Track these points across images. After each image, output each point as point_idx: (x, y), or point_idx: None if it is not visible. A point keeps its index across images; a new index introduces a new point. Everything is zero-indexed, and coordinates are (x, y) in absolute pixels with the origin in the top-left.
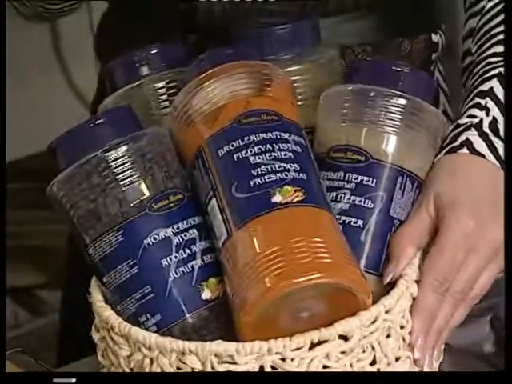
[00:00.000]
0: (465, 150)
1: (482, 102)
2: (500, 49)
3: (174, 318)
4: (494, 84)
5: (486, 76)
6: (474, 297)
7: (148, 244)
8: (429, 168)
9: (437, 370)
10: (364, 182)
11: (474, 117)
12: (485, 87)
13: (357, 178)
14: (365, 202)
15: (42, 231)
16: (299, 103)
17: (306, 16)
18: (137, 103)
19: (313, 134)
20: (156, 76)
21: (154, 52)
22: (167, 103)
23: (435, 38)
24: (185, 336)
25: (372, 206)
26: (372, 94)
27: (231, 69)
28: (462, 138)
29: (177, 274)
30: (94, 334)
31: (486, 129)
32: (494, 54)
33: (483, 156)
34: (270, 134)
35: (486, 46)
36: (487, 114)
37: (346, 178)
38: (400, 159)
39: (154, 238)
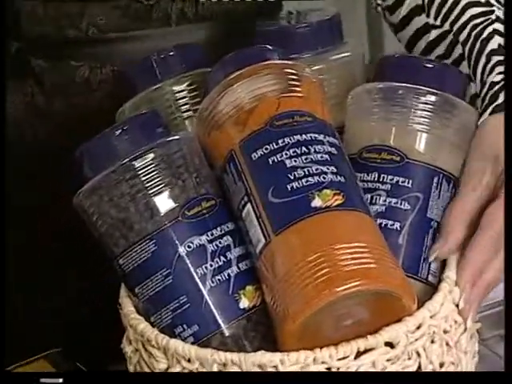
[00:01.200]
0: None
1: (501, 58)
2: (474, 11)
3: (211, 328)
4: (499, 40)
5: (484, 36)
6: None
7: (182, 253)
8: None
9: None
10: (400, 183)
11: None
12: (494, 45)
13: (392, 179)
14: (401, 203)
15: None
16: None
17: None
18: (157, 107)
19: (340, 134)
20: (175, 79)
21: (172, 54)
22: (188, 106)
23: None
24: (223, 347)
25: (409, 207)
26: (401, 92)
27: (258, 70)
28: (502, 96)
29: (213, 282)
30: (126, 346)
31: None
32: (472, 17)
33: None
34: (304, 136)
35: (456, 13)
36: None
37: (381, 179)
38: (434, 158)
39: (189, 247)
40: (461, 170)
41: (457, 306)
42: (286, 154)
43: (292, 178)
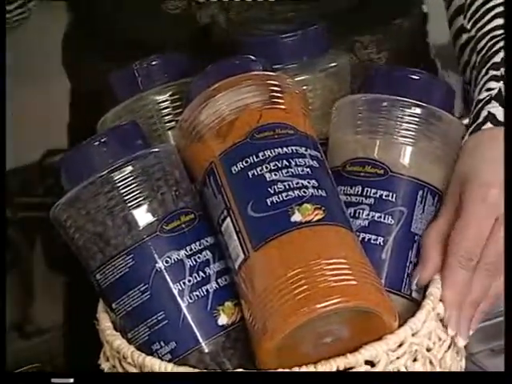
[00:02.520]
0: (488, 125)
1: (498, 73)
2: (501, 21)
3: (189, 345)
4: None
5: (495, 49)
6: None
7: (160, 268)
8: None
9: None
10: (383, 197)
11: (492, 89)
12: (497, 59)
13: (376, 193)
14: (385, 217)
15: None
16: None
17: (312, 23)
18: (139, 118)
19: (324, 146)
20: (158, 88)
21: (154, 63)
22: (170, 117)
23: (425, 8)
24: (201, 364)
25: (392, 222)
26: (385, 104)
27: (240, 81)
28: (484, 113)
29: (191, 298)
30: (103, 363)
31: None
32: (497, 28)
33: None
34: (285, 149)
35: (485, 20)
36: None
37: (365, 193)
38: (419, 172)
39: (167, 262)
40: (446, 184)
41: (441, 320)
42: (267, 168)
43: (272, 192)
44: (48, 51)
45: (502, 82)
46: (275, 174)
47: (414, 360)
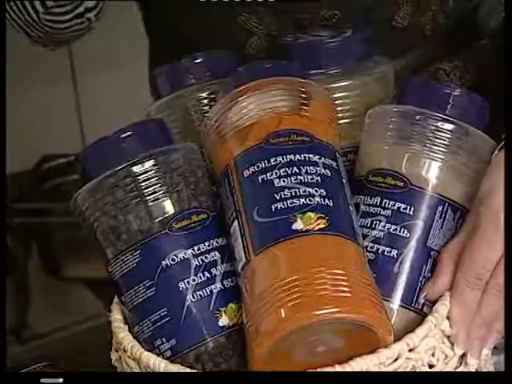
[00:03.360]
0: None
1: None
2: None
3: (189, 343)
4: None
5: None
6: None
7: (166, 265)
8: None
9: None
10: (401, 210)
11: None
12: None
13: (394, 205)
14: (400, 230)
15: None
16: (348, 120)
17: (358, 29)
18: (179, 113)
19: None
20: (199, 86)
21: (198, 61)
22: None
23: None
24: (199, 363)
25: (408, 235)
26: (418, 117)
27: (268, 84)
28: None
29: (194, 297)
30: (112, 353)
31: None
32: None
33: None
34: (298, 156)
35: None
36: None
37: (383, 204)
38: (441, 187)
39: (173, 260)
40: (471, 200)
41: (448, 337)
42: (276, 173)
43: (278, 198)
44: (46, 56)
45: None
46: (283, 181)
47: None
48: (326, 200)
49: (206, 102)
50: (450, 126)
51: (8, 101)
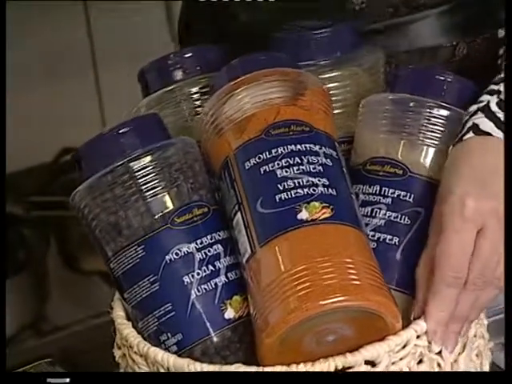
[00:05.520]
0: (470, 135)
1: (496, 87)
2: None
3: (195, 337)
4: None
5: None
6: (500, 275)
7: (170, 260)
8: None
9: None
10: (401, 197)
11: (482, 102)
12: (503, 74)
13: (393, 193)
14: (401, 218)
15: None
16: (340, 110)
17: (346, 19)
18: (170, 108)
19: (351, 143)
20: (190, 80)
21: (188, 55)
22: (200, 109)
23: (501, 32)
24: (206, 357)
25: (408, 222)
26: (412, 104)
27: (263, 76)
28: (469, 124)
29: (199, 291)
30: (115, 351)
31: (493, 108)
32: None
33: (489, 134)
34: (299, 146)
35: None
36: (498, 96)
37: (383, 193)
38: (439, 173)
39: (176, 254)
40: None
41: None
42: (278, 164)
43: (281, 188)
44: (69, 49)
45: (495, 95)
46: (286, 171)
47: (420, 362)
48: (330, 189)
49: (197, 96)
50: (444, 112)
51: (30, 94)
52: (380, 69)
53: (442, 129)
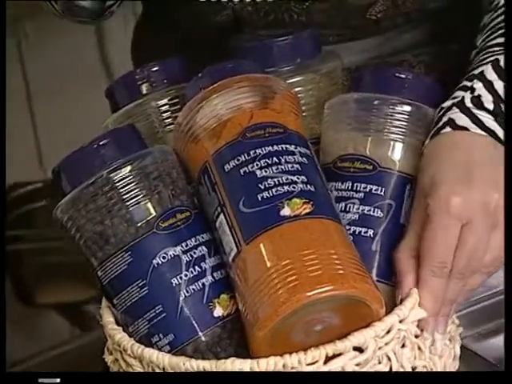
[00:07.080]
0: (447, 129)
1: (469, 84)
2: (502, 39)
3: (186, 337)
4: (485, 68)
5: (482, 63)
6: (488, 264)
7: (157, 264)
8: None
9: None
10: (373, 191)
11: (456, 97)
12: (476, 71)
13: (365, 188)
14: (374, 211)
15: None
16: (303, 114)
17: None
18: (140, 122)
19: (318, 144)
20: (158, 93)
21: (154, 69)
22: (170, 120)
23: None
24: (198, 354)
25: (381, 214)
26: (376, 102)
27: (234, 82)
28: (445, 119)
29: (187, 292)
30: (106, 356)
31: (468, 104)
32: (496, 45)
33: (466, 129)
34: (276, 147)
35: (491, 37)
36: (471, 93)
37: (355, 188)
38: (408, 166)
39: (163, 258)
40: None
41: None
42: (257, 165)
43: (262, 188)
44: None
45: (469, 91)
46: (265, 171)
47: (403, 346)
48: (308, 186)
49: (166, 108)
50: (407, 108)
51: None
52: (339, 73)
53: (406, 124)
